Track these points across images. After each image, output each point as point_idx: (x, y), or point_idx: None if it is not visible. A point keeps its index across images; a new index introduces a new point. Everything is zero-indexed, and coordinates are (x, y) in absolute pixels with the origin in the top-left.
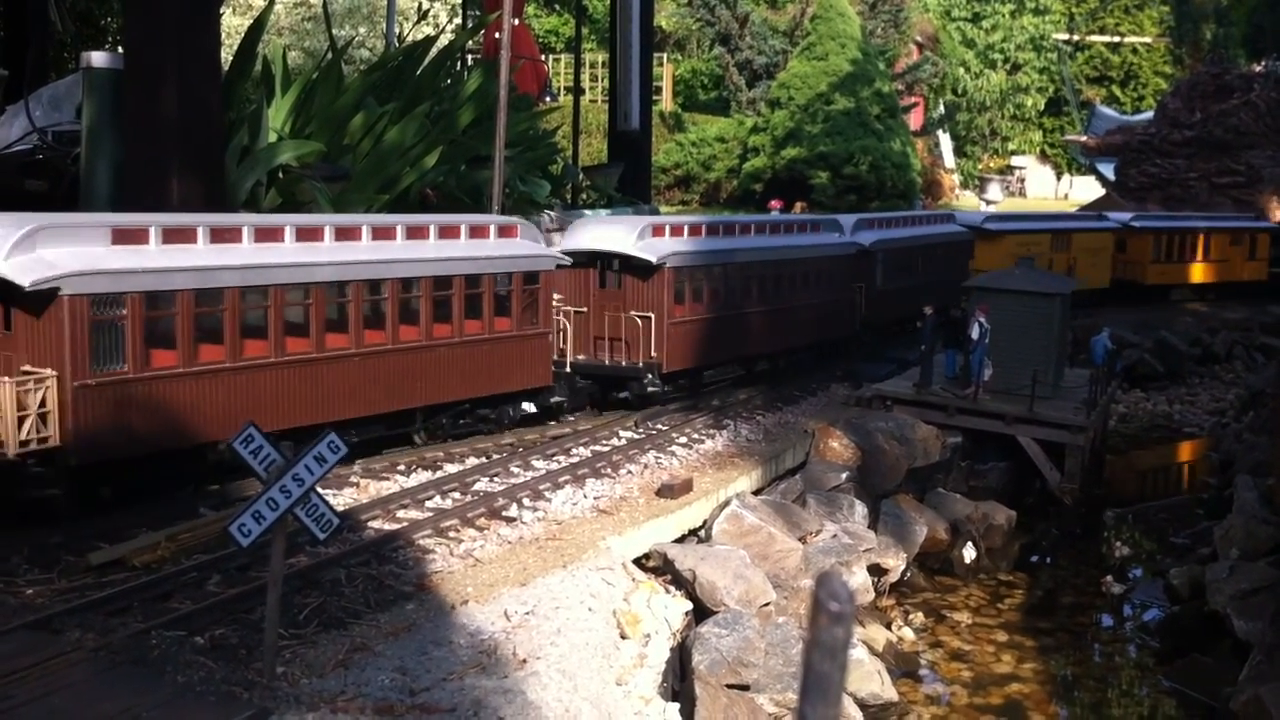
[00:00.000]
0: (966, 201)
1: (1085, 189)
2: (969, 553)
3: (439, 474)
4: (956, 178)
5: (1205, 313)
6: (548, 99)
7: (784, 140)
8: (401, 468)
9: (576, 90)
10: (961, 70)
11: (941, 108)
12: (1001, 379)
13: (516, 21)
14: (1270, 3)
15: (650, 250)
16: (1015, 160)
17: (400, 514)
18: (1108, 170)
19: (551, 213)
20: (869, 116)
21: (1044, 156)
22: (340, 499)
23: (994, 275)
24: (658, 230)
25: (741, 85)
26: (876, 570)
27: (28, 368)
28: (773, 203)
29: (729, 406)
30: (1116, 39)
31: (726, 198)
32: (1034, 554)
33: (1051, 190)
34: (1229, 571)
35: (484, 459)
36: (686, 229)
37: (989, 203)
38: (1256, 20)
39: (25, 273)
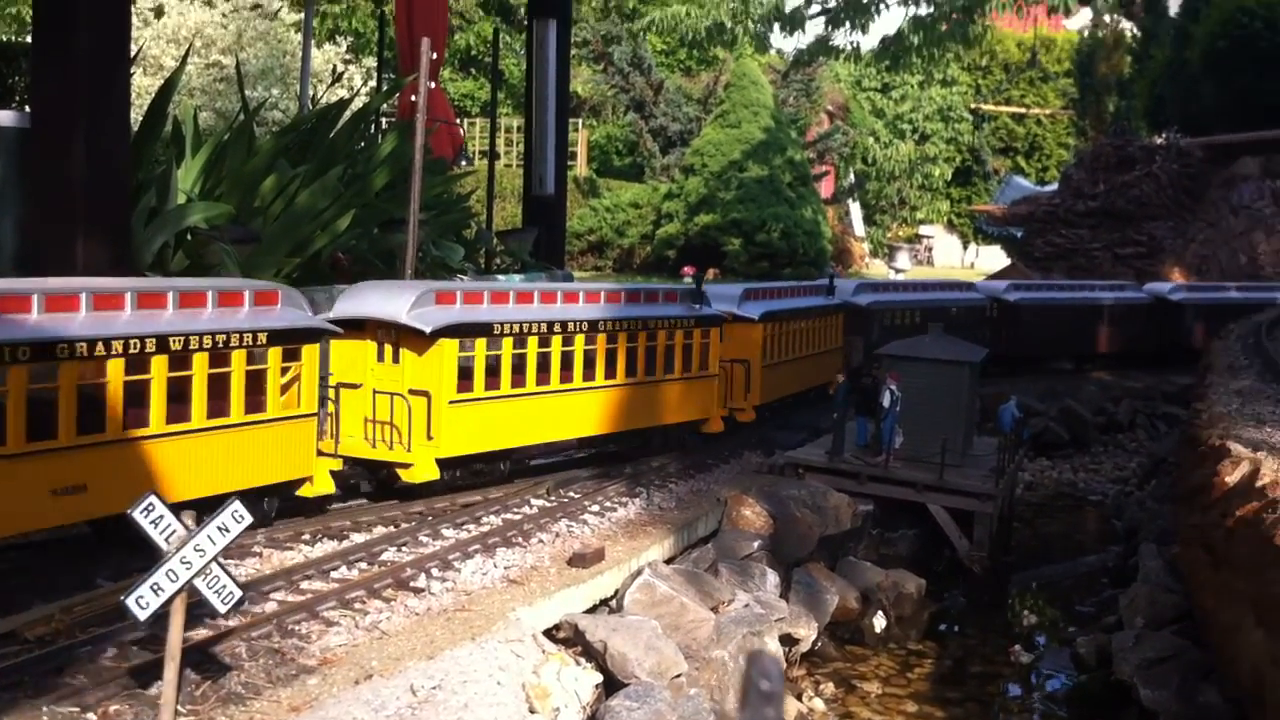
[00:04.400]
0: (876, 269)
1: (991, 258)
2: (879, 622)
3: (345, 544)
4: (866, 246)
5: (1109, 381)
6: (463, 163)
7: (697, 207)
8: (306, 537)
9: (491, 154)
10: (871, 140)
11: (852, 176)
12: (912, 446)
13: (432, 85)
14: (1171, 75)
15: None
16: (923, 229)
17: (304, 585)
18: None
19: (465, 278)
20: (781, 184)
21: (951, 225)
22: (243, 569)
23: (905, 343)
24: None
25: (656, 151)
26: (788, 640)
27: None
28: (685, 269)
29: (642, 474)
30: (1022, 110)
31: (640, 264)
32: (943, 622)
33: (958, 259)
34: (1135, 640)
35: (392, 527)
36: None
37: (898, 270)
38: (1158, 93)
39: None
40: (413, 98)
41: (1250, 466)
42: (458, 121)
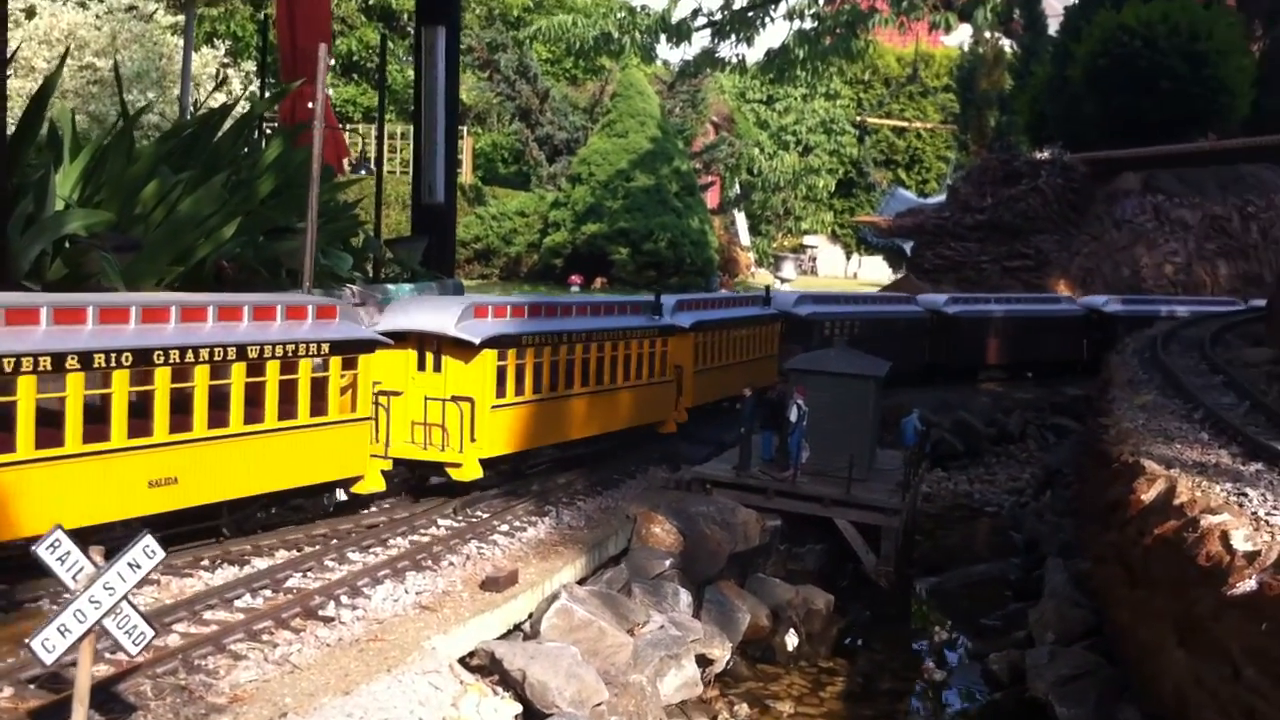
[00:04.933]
0: (762, 279)
1: (874, 268)
2: (791, 640)
3: (247, 570)
4: (752, 255)
5: (999, 392)
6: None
7: (584, 216)
8: (205, 563)
9: (380, 162)
10: (756, 151)
11: (737, 187)
12: (818, 460)
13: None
14: (1052, 92)
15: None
16: (807, 239)
17: (208, 615)
18: (908, 250)
19: (354, 287)
20: (668, 194)
21: (834, 236)
22: (141, 598)
23: (811, 357)
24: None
25: (542, 160)
26: (703, 661)
27: None
28: (572, 278)
29: (549, 491)
30: (904, 124)
31: (527, 272)
32: (852, 638)
33: (841, 269)
34: (1049, 657)
35: (295, 551)
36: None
37: (784, 280)
38: (1039, 108)
39: None
40: (310, 104)
41: (1166, 484)
42: (341, 127)
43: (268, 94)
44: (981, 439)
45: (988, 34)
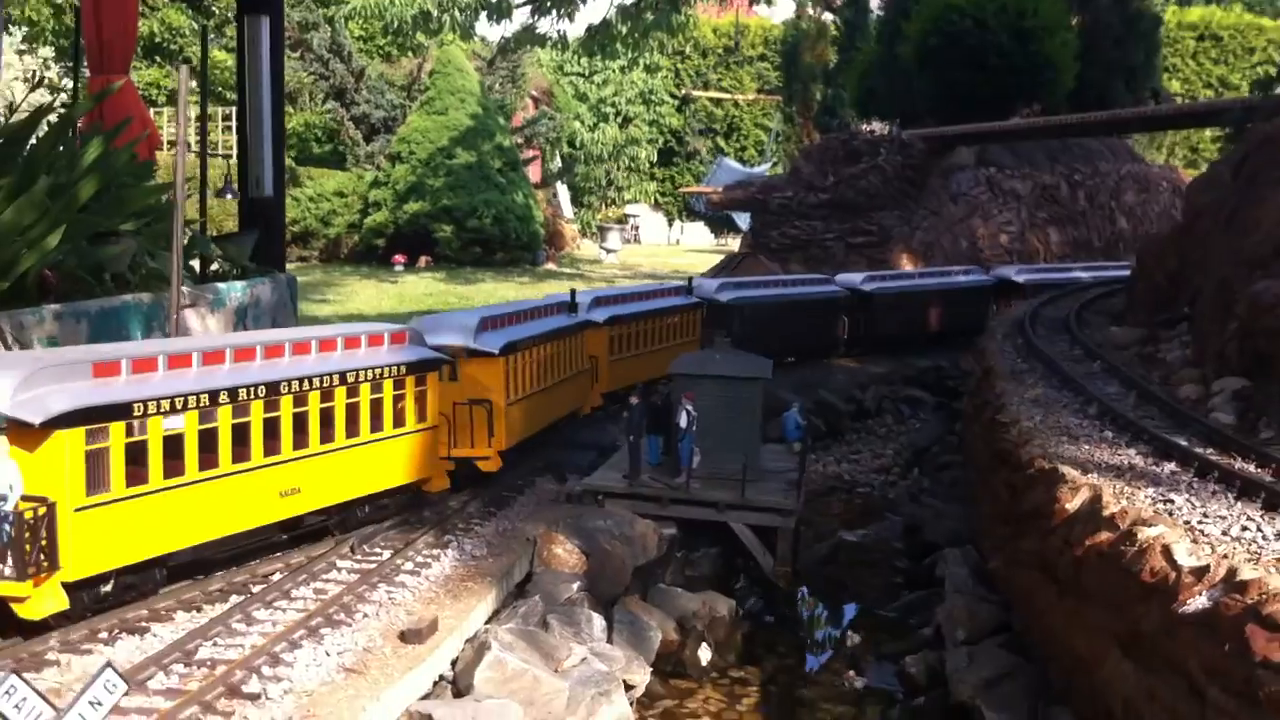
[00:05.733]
0: (587, 250)
1: (695, 234)
2: (704, 653)
3: (149, 640)
4: (576, 228)
5: (855, 368)
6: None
7: (406, 194)
8: (104, 635)
9: (204, 154)
10: (578, 124)
11: (559, 160)
12: (708, 464)
13: (121, 81)
14: (881, 68)
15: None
16: (629, 209)
17: (123, 703)
18: (742, 222)
19: (184, 288)
20: (491, 170)
21: (656, 205)
22: (43, 682)
23: (696, 360)
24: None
25: (359, 139)
26: (626, 687)
27: None
28: (396, 258)
29: (445, 519)
30: (725, 95)
31: (348, 254)
32: (759, 644)
33: (664, 237)
34: (968, 660)
35: (194, 611)
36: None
37: (609, 251)
38: (867, 85)
39: None
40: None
41: (1090, 493)
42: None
43: (81, 91)
44: (842, 417)
45: (810, 9)
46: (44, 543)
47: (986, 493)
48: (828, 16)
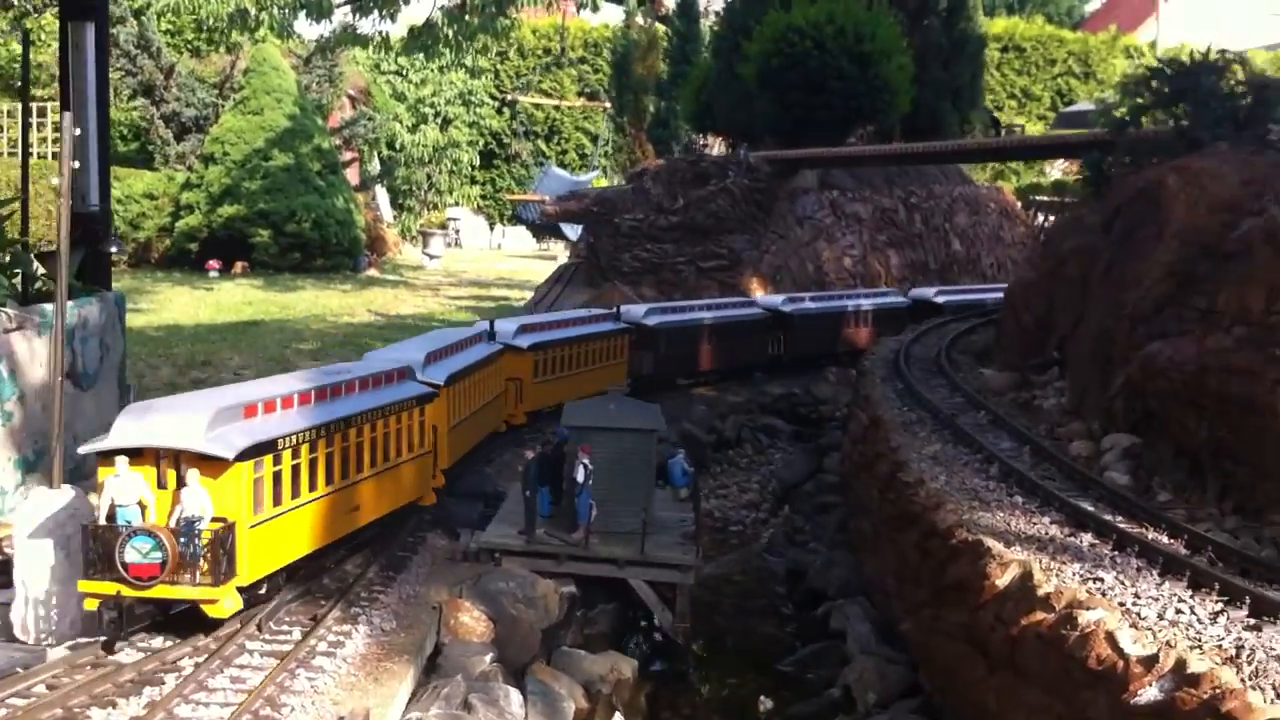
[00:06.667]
0: (409, 256)
1: (517, 239)
2: None
3: None
4: (397, 232)
5: (713, 397)
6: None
7: (220, 197)
8: None
9: (25, 170)
10: (397, 124)
11: (378, 162)
12: (602, 517)
13: None
14: (721, 86)
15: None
16: (451, 212)
17: None
18: (572, 233)
19: (7, 310)
20: (310, 173)
21: (478, 209)
22: None
23: (589, 411)
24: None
25: (169, 138)
26: None
27: None
28: (210, 263)
29: (347, 587)
30: (549, 100)
31: (159, 258)
32: (664, 706)
33: (486, 241)
34: None
35: (109, 709)
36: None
37: (433, 257)
38: (704, 100)
39: None
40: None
41: (1020, 569)
42: None
43: None
44: (705, 449)
45: (641, 19)
46: (227, 555)
47: (891, 551)
48: (661, 28)
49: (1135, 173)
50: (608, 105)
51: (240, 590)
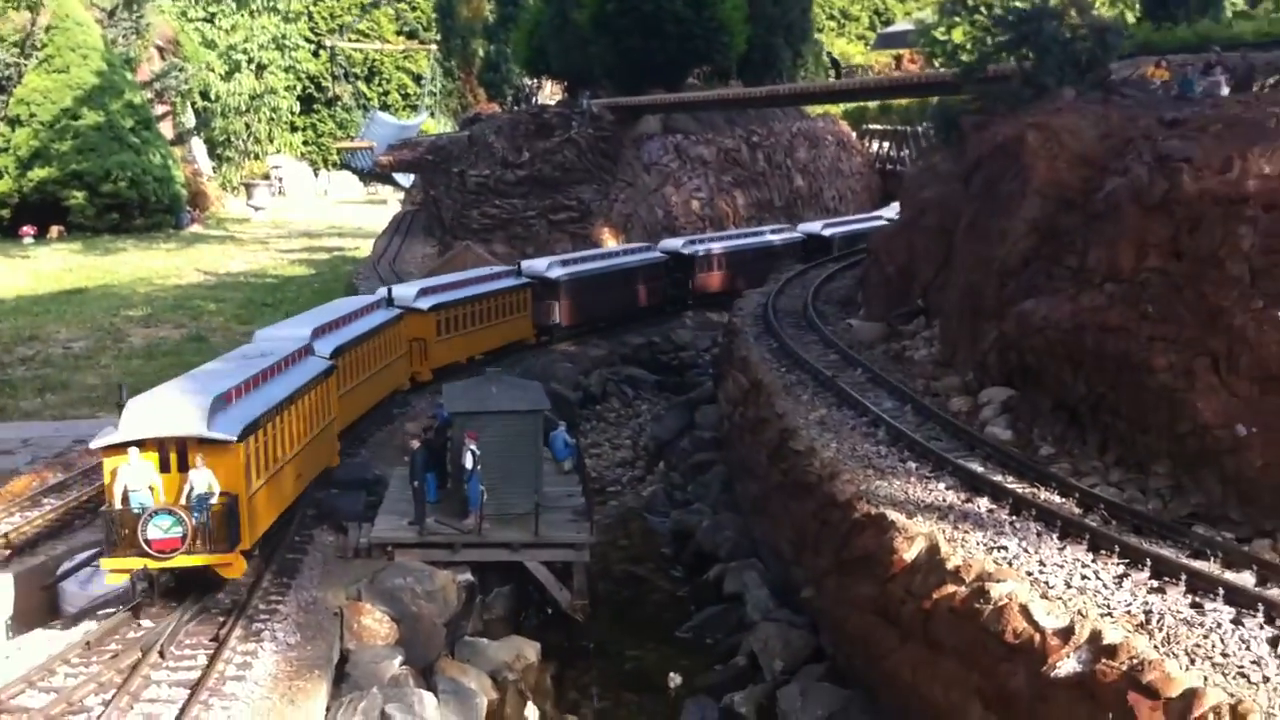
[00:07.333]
0: (233, 209)
1: (344, 184)
2: (531, 713)
3: None
4: (218, 185)
5: (574, 352)
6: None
7: (30, 161)
8: None
9: None
10: (211, 74)
11: (192, 114)
12: (492, 500)
13: None
14: (553, 31)
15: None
16: (272, 161)
17: None
18: (404, 180)
19: None
20: (123, 130)
21: (301, 156)
22: None
23: (472, 394)
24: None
25: None
26: None
27: None
28: (24, 229)
29: (244, 601)
30: (370, 44)
31: None
32: (571, 687)
33: (311, 188)
34: (800, 697)
35: None
36: None
37: (257, 209)
38: (536, 44)
39: None
40: None
41: (926, 543)
42: None
43: None
44: (574, 408)
45: None
46: (235, 524)
47: (785, 517)
48: None
49: (988, 125)
50: (432, 46)
51: (244, 554)
